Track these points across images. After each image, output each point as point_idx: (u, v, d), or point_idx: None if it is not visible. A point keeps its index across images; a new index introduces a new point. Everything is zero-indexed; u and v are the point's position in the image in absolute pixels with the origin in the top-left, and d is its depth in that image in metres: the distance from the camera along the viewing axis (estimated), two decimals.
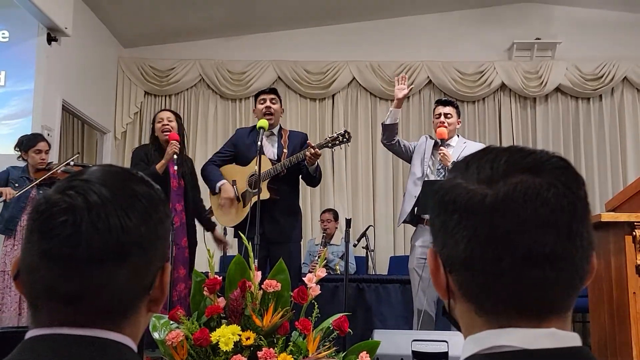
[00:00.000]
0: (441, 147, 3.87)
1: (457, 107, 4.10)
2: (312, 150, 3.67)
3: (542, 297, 0.70)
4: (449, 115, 3.98)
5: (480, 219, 0.70)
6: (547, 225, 0.69)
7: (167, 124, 4.04)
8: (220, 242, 4.44)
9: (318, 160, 3.80)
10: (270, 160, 3.85)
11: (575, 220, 0.71)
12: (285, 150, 3.91)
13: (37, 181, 4.20)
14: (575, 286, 0.72)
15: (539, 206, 0.69)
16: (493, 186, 0.70)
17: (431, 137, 4.07)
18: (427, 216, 3.88)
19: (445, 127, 3.93)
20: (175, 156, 3.87)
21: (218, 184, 3.93)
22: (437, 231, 0.75)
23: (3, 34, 5.48)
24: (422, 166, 3.95)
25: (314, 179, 3.95)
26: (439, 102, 4.13)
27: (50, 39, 5.39)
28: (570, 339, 0.70)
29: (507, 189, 0.70)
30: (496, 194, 0.70)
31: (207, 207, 4.31)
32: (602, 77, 6.87)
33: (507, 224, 0.69)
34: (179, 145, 3.93)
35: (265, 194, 3.73)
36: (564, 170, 0.72)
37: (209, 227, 4.37)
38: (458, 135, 4.10)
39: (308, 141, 3.83)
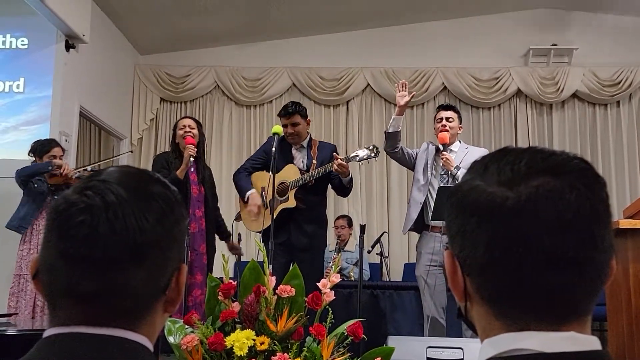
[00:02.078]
0: (443, 152, 3.85)
1: (458, 112, 4.10)
2: (338, 162, 3.71)
3: (562, 301, 0.69)
4: (450, 119, 3.97)
5: (500, 222, 0.69)
6: (569, 228, 0.68)
7: (190, 131, 4.06)
8: (234, 249, 4.43)
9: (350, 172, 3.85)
10: (300, 169, 3.93)
11: (597, 223, 0.70)
12: (314, 162, 3.96)
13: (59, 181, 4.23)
14: (595, 290, 0.71)
15: (561, 209, 0.68)
16: (514, 188, 0.69)
17: (433, 144, 4.06)
18: (433, 222, 3.87)
19: (447, 131, 3.92)
20: (191, 159, 3.90)
21: (247, 194, 4.00)
22: (454, 234, 0.74)
23: (22, 41, 5.55)
24: (426, 173, 3.95)
25: (346, 190, 4.03)
26: (441, 107, 4.13)
27: (69, 46, 5.45)
28: (590, 342, 0.69)
29: (528, 191, 0.68)
30: (517, 196, 0.68)
31: (235, 214, 4.35)
32: (619, 83, 6.81)
33: (529, 227, 0.68)
34: (195, 149, 3.96)
35: (292, 202, 3.81)
36: (586, 172, 0.71)
37: (224, 236, 4.40)
38: (460, 141, 4.09)
39: (335, 153, 3.86)
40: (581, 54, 6.85)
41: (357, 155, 3.84)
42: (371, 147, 3.86)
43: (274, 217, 3.63)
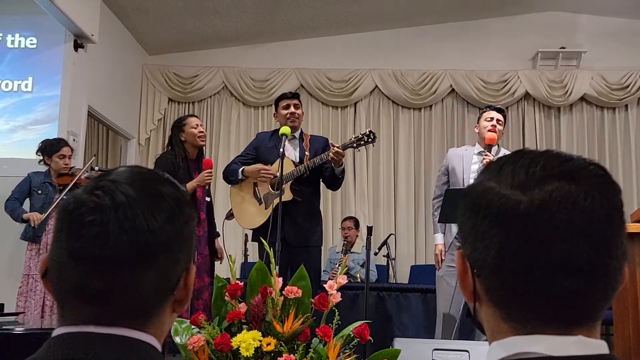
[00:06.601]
0: (486, 153, 3.69)
1: (506, 117, 3.96)
2: (335, 150, 3.64)
3: (572, 306, 0.69)
4: (500, 122, 3.84)
5: (513, 226, 0.69)
6: (583, 234, 0.67)
7: (203, 131, 4.07)
8: (216, 252, 4.25)
9: (343, 162, 3.79)
10: (293, 162, 3.84)
11: (611, 230, 0.69)
12: (307, 153, 3.89)
13: (64, 192, 4.25)
14: (607, 297, 0.70)
15: (575, 215, 0.67)
16: (528, 192, 0.69)
17: (469, 147, 3.97)
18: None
19: (496, 132, 3.77)
20: (207, 187, 3.96)
21: (239, 170, 3.92)
22: (466, 235, 0.74)
23: (31, 40, 5.58)
24: (462, 176, 3.82)
25: (337, 181, 3.91)
26: (492, 107, 3.94)
27: (77, 46, 5.48)
28: (598, 346, 0.69)
29: (542, 196, 0.68)
30: (531, 201, 0.68)
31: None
32: (628, 86, 6.78)
33: (542, 232, 0.67)
34: (211, 174, 3.99)
35: (288, 195, 3.72)
36: (601, 179, 0.71)
37: (214, 235, 4.32)
38: (498, 145, 3.93)
39: (331, 141, 3.82)
40: (590, 57, 6.82)
41: (354, 142, 3.74)
42: (367, 133, 3.73)
43: (270, 212, 3.61)
